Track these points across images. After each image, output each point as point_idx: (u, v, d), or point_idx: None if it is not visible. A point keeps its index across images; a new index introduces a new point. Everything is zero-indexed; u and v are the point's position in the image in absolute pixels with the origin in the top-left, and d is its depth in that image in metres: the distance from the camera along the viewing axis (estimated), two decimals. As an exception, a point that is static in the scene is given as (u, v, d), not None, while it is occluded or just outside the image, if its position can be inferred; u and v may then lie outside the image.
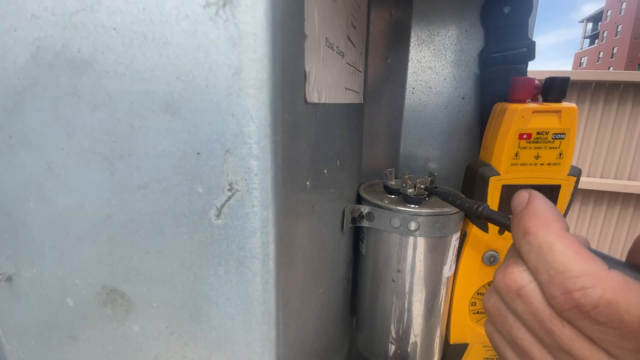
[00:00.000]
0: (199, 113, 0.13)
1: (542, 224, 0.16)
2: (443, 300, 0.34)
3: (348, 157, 0.29)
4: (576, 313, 0.14)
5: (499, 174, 0.33)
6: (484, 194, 0.34)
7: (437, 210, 0.30)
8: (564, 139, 0.32)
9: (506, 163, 0.33)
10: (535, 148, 0.33)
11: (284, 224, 0.15)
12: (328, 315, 0.27)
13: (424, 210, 0.30)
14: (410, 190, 0.31)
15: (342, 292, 0.32)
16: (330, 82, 0.20)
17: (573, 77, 1.39)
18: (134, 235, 0.15)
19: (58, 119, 0.14)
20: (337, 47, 0.21)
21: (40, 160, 0.15)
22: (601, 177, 1.53)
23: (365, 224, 0.32)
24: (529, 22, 0.37)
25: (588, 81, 1.41)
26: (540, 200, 0.17)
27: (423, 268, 0.32)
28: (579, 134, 1.50)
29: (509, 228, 0.19)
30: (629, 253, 0.16)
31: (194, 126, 0.14)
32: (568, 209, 0.35)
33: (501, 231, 0.35)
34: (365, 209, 0.31)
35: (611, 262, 0.14)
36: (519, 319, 0.17)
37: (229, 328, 0.16)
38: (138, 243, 0.16)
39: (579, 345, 0.14)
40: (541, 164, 0.33)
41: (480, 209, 0.22)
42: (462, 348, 0.40)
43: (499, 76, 0.38)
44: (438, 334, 0.35)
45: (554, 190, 0.34)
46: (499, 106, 0.35)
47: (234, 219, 0.14)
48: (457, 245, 0.33)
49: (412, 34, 0.40)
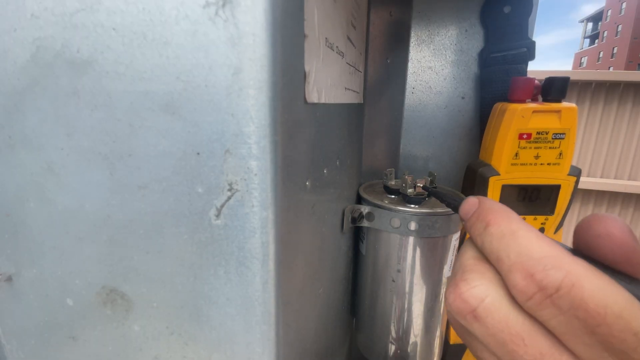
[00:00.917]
0: (198, 113, 0.13)
1: (503, 216, 0.16)
2: (443, 300, 0.34)
3: (348, 157, 0.29)
4: (539, 299, 0.13)
5: (498, 174, 0.34)
6: (484, 194, 0.34)
7: (437, 210, 0.30)
8: (564, 139, 0.32)
9: (506, 163, 0.33)
10: (535, 148, 0.33)
11: (283, 224, 0.15)
12: (328, 315, 0.27)
13: (424, 210, 0.30)
14: (410, 190, 0.31)
15: (342, 292, 0.32)
16: (330, 82, 0.20)
17: (573, 77, 1.39)
18: (134, 235, 0.16)
19: (58, 119, 0.14)
20: (337, 47, 0.21)
21: (40, 160, 0.15)
22: (601, 177, 1.53)
23: (365, 224, 0.32)
24: (529, 22, 0.37)
25: (588, 81, 1.41)
26: (492, 200, 0.17)
27: (423, 268, 0.32)
28: (579, 134, 1.50)
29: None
30: (573, 241, 0.15)
31: (193, 126, 0.14)
32: (568, 209, 0.35)
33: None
34: (365, 209, 0.31)
35: (575, 252, 0.14)
36: (479, 342, 0.16)
37: (229, 328, 0.16)
38: (138, 243, 0.16)
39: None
40: (541, 164, 0.33)
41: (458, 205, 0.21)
42: (462, 348, 0.40)
43: (499, 76, 0.38)
44: (438, 334, 0.35)
45: (554, 190, 0.34)
46: (499, 106, 0.35)
47: (233, 219, 0.14)
48: (457, 245, 0.33)
49: (412, 34, 0.40)
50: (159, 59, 0.13)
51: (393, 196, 0.33)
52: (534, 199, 0.35)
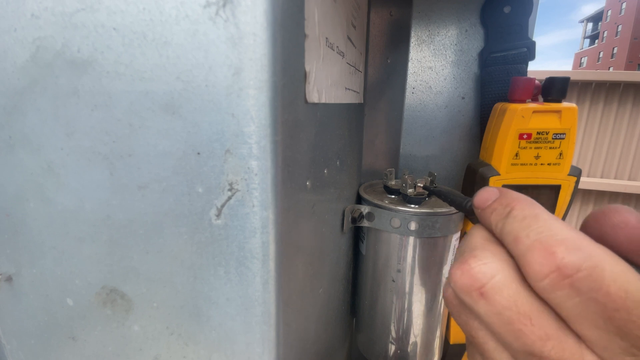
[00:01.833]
0: (199, 113, 0.13)
1: (527, 203, 0.15)
2: (443, 300, 0.34)
3: (348, 157, 0.29)
4: (556, 278, 0.12)
5: (499, 174, 0.33)
6: (484, 194, 0.34)
7: (437, 210, 0.30)
8: (564, 139, 0.32)
9: (506, 163, 0.33)
10: (535, 148, 0.33)
11: (284, 224, 0.15)
12: (328, 315, 0.27)
13: (424, 210, 0.30)
14: (410, 190, 0.31)
15: (342, 292, 0.32)
16: (330, 82, 0.20)
17: (573, 77, 1.39)
18: (133, 235, 0.15)
19: (58, 118, 0.14)
20: (337, 47, 0.21)
21: (40, 160, 0.15)
22: (601, 177, 1.53)
23: (365, 224, 0.32)
24: (529, 22, 0.37)
25: (588, 81, 1.41)
26: (513, 191, 0.17)
27: (423, 268, 0.32)
28: (579, 134, 1.50)
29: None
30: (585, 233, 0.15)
31: (194, 126, 0.13)
32: (568, 209, 0.35)
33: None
34: (365, 209, 0.31)
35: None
36: (479, 321, 0.15)
37: (229, 328, 0.16)
38: (138, 243, 0.16)
39: (550, 345, 0.13)
40: (541, 164, 0.33)
41: (467, 203, 0.21)
42: (462, 348, 0.40)
43: (499, 76, 0.38)
44: (438, 334, 0.35)
45: (554, 190, 0.34)
46: (499, 106, 0.35)
47: (234, 219, 0.14)
48: (457, 245, 0.33)
49: (412, 34, 0.40)
50: (159, 58, 0.13)
51: (393, 196, 0.33)
52: (534, 199, 0.35)
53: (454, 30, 0.40)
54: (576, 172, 0.34)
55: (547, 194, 0.34)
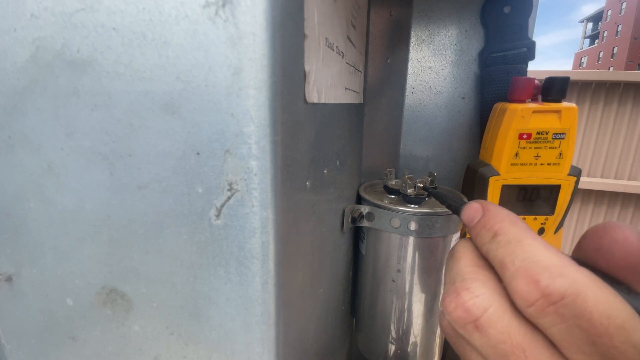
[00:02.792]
0: (198, 113, 0.13)
1: (510, 224, 0.16)
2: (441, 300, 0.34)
3: (348, 157, 0.29)
4: (541, 305, 0.13)
5: (498, 174, 0.34)
6: (484, 194, 0.34)
7: (437, 210, 0.30)
8: (564, 139, 0.32)
9: (506, 163, 0.33)
10: (535, 148, 0.33)
11: (283, 224, 0.15)
12: (328, 315, 0.27)
13: (424, 210, 0.30)
14: (410, 190, 0.31)
15: (342, 292, 0.32)
16: (330, 82, 0.20)
17: (573, 77, 1.39)
18: (133, 235, 0.15)
19: (58, 118, 0.14)
20: (337, 47, 0.21)
21: (40, 160, 0.15)
22: (601, 177, 1.53)
23: (365, 224, 0.32)
24: (529, 22, 0.37)
25: (588, 81, 1.41)
26: (497, 206, 0.17)
27: (423, 268, 0.32)
28: (579, 134, 1.50)
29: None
30: (577, 244, 0.15)
31: (193, 126, 0.14)
32: (568, 209, 0.35)
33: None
34: (365, 209, 0.31)
35: (580, 263, 0.14)
36: (476, 352, 0.15)
37: (228, 328, 0.16)
38: (138, 243, 0.16)
39: None
40: (541, 164, 0.33)
41: (461, 209, 0.20)
42: (462, 348, 0.40)
43: (499, 76, 0.38)
44: (438, 334, 0.35)
45: (554, 190, 0.34)
46: (499, 106, 0.35)
47: (233, 219, 0.14)
48: (457, 245, 0.33)
49: (412, 34, 0.40)
50: (158, 58, 0.13)
51: (393, 196, 0.33)
52: (534, 199, 0.35)
53: (453, 30, 0.40)
54: (576, 172, 0.34)
55: (547, 194, 0.34)
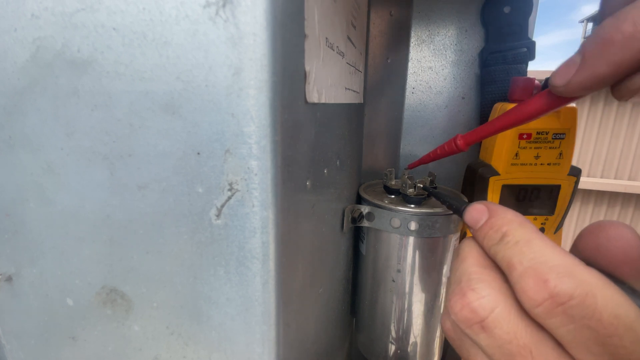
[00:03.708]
0: (199, 113, 0.13)
1: (518, 225, 0.15)
2: (443, 300, 0.34)
3: (348, 157, 0.29)
4: (549, 306, 0.12)
5: (498, 174, 0.34)
6: (484, 194, 0.34)
7: (437, 210, 0.30)
8: (564, 139, 0.32)
9: (506, 163, 0.33)
10: (535, 148, 0.33)
11: (284, 224, 0.15)
12: (328, 315, 0.27)
13: (424, 210, 0.30)
14: (410, 190, 0.31)
15: (342, 292, 0.32)
16: (330, 82, 0.20)
17: (573, 77, 1.39)
18: (133, 235, 0.15)
19: (58, 118, 0.14)
20: (337, 47, 0.21)
21: (40, 160, 0.15)
22: (601, 177, 1.53)
23: (365, 224, 0.32)
24: (529, 22, 0.37)
25: (588, 81, 1.41)
26: (503, 207, 0.17)
27: (423, 268, 0.32)
28: (579, 134, 1.50)
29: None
30: (573, 246, 0.15)
31: (194, 126, 0.14)
32: (568, 208, 0.35)
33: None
34: (365, 209, 0.31)
35: (589, 265, 0.14)
36: (481, 352, 0.15)
37: (229, 328, 0.16)
38: (138, 243, 0.16)
39: None
40: (541, 164, 0.33)
41: (462, 210, 0.20)
42: (462, 348, 0.40)
43: (499, 76, 0.38)
44: (438, 334, 0.35)
45: (554, 190, 0.34)
46: (499, 106, 0.35)
47: (234, 219, 0.14)
48: (457, 245, 0.33)
49: (412, 34, 0.40)
50: (159, 58, 0.13)
51: (393, 196, 0.33)
52: (534, 199, 0.35)
53: (453, 30, 0.40)
54: (576, 172, 0.34)
55: (546, 194, 0.34)
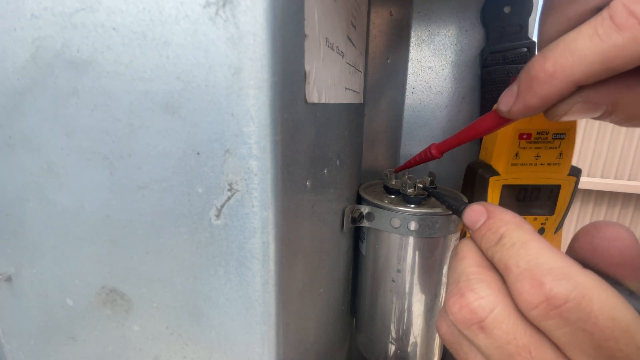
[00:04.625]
0: (198, 113, 0.13)
1: (515, 226, 0.15)
2: (443, 300, 0.34)
3: (348, 157, 0.29)
4: (545, 309, 0.12)
5: (498, 174, 0.33)
6: (484, 195, 0.34)
7: (438, 210, 0.30)
8: (564, 139, 0.32)
9: (506, 163, 0.33)
10: (536, 148, 0.33)
11: (284, 224, 0.15)
12: (328, 315, 0.27)
13: (424, 210, 0.30)
14: (410, 190, 0.31)
15: (342, 292, 0.32)
16: (330, 82, 0.20)
17: (573, 77, 1.39)
18: (133, 235, 0.15)
19: (58, 118, 0.14)
20: (337, 47, 0.21)
21: (39, 160, 0.15)
22: (601, 177, 1.53)
23: (365, 224, 0.32)
24: (529, 22, 0.37)
25: (588, 81, 1.41)
26: (501, 208, 0.17)
27: (423, 268, 0.32)
28: (579, 134, 1.50)
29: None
30: (569, 247, 0.15)
31: (193, 126, 0.13)
32: (568, 208, 0.35)
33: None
34: (365, 209, 0.31)
35: (586, 266, 0.14)
36: (480, 353, 0.15)
37: (228, 328, 0.16)
38: (138, 243, 0.16)
39: None
40: (541, 164, 0.33)
41: (462, 210, 0.20)
42: (462, 348, 0.40)
43: (499, 76, 0.38)
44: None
45: (553, 190, 0.34)
46: (499, 106, 0.35)
47: (233, 219, 0.14)
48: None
49: (412, 34, 0.40)
50: (158, 58, 0.13)
51: (393, 196, 0.33)
52: (534, 199, 0.35)
53: (454, 30, 0.40)
54: (576, 172, 0.34)
55: (546, 194, 0.34)
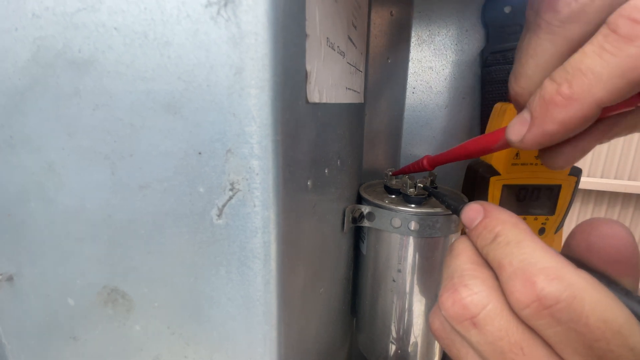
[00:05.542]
0: (200, 113, 0.13)
1: (511, 226, 0.15)
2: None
3: (349, 156, 0.29)
4: (536, 308, 0.12)
5: (499, 174, 0.33)
6: (484, 194, 0.34)
7: (438, 210, 0.30)
8: (564, 138, 0.32)
9: (506, 163, 0.33)
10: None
11: (285, 224, 0.15)
12: (329, 315, 0.27)
13: (424, 210, 0.30)
14: (410, 190, 0.31)
15: (342, 292, 0.32)
16: (331, 82, 0.20)
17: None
18: (135, 235, 0.15)
19: (59, 118, 0.14)
20: (338, 46, 0.21)
21: (41, 160, 0.15)
22: (601, 177, 1.53)
23: (366, 223, 0.32)
24: (529, 22, 0.36)
25: (588, 81, 1.40)
26: (498, 208, 0.17)
27: (424, 268, 0.32)
28: (579, 133, 1.50)
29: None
30: (565, 244, 0.15)
31: (195, 126, 0.14)
32: (568, 208, 0.35)
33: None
34: (365, 209, 0.31)
35: (580, 266, 0.14)
36: (472, 349, 0.15)
37: (230, 328, 0.16)
38: (139, 243, 0.16)
39: None
40: (541, 164, 0.33)
41: (461, 210, 0.20)
42: (463, 348, 0.40)
43: (499, 76, 0.38)
44: (438, 333, 0.35)
45: (554, 190, 0.34)
46: (499, 106, 0.35)
47: (235, 218, 0.14)
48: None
49: (413, 34, 0.40)
50: (160, 58, 0.13)
51: (393, 196, 0.33)
52: (535, 199, 0.35)
53: (454, 30, 0.40)
54: (576, 172, 0.34)
55: (547, 194, 0.34)
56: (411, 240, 0.31)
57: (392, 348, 0.35)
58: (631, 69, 0.13)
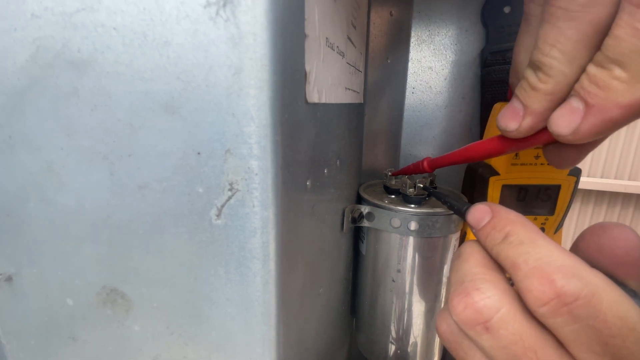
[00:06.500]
0: (199, 113, 0.13)
1: (521, 225, 0.15)
2: (443, 300, 0.34)
3: (348, 157, 0.29)
4: (555, 305, 0.12)
5: (498, 174, 0.33)
6: (484, 195, 0.34)
7: (438, 210, 0.30)
8: (564, 139, 0.32)
9: (506, 163, 0.33)
10: (536, 148, 0.33)
11: (284, 224, 0.15)
12: (328, 315, 0.27)
13: (424, 210, 0.30)
14: (410, 190, 0.31)
15: (342, 292, 0.32)
16: (330, 82, 0.20)
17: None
18: (134, 235, 0.15)
19: (58, 118, 0.14)
20: (338, 47, 0.21)
21: (40, 160, 0.15)
22: (601, 177, 1.53)
23: (366, 224, 0.32)
24: (529, 22, 0.36)
25: (588, 81, 1.41)
26: (505, 208, 0.17)
27: (423, 268, 0.32)
28: (578, 134, 1.50)
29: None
30: (574, 246, 0.15)
31: (194, 126, 0.13)
32: (568, 209, 0.35)
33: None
34: (365, 209, 0.31)
35: (590, 265, 0.14)
36: (483, 354, 0.15)
37: (229, 328, 0.16)
38: (138, 243, 0.16)
39: None
40: (541, 164, 0.33)
41: (464, 211, 0.20)
42: (462, 348, 0.40)
43: (499, 76, 0.38)
44: (438, 334, 0.35)
45: (554, 190, 0.34)
46: (498, 106, 0.35)
47: (234, 219, 0.14)
48: (457, 245, 0.33)
49: (412, 34, 0.40)
50: (159, 58, 0.13)
51: (393, 196, 0.33)
52: (534, 199, 0.35)
53: (454, 30, 0.40)
54: (576, 172, 0.34)
55: (547, 194, 0.34)
56: (411, 240, 0.31)
57: (392, 348, 0.35)
58: None
